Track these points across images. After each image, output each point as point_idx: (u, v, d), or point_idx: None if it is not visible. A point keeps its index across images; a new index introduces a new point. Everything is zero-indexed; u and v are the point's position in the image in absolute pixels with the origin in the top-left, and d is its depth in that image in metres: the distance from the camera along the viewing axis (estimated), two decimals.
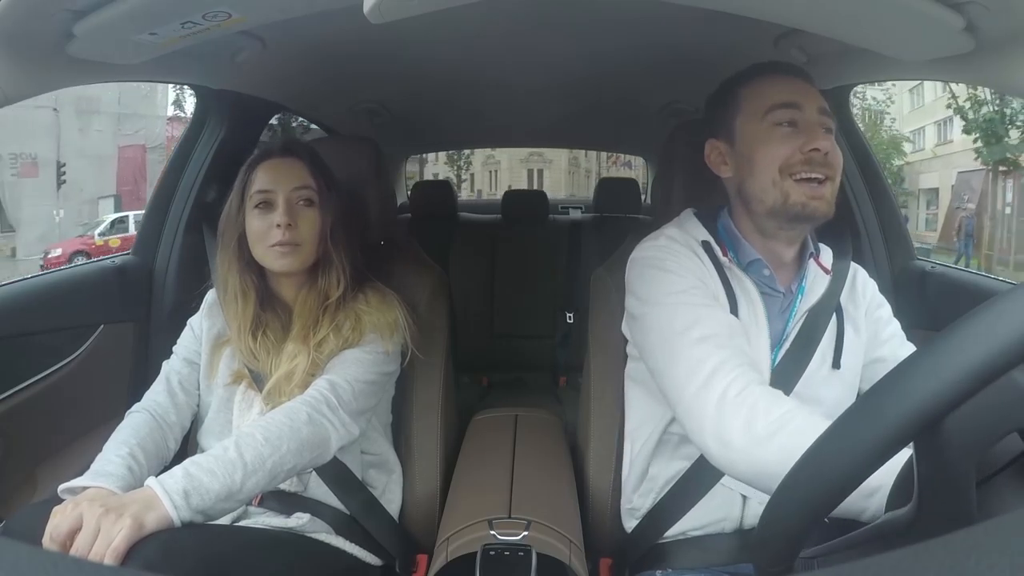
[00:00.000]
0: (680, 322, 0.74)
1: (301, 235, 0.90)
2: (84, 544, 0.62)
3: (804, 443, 0.42)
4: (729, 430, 0.65)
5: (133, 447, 0.84)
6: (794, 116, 0.78)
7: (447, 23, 1.05)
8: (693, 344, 0.71)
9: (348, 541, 0.92)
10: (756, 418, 0.63)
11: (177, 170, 1.36)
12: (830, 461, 0.39)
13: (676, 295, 0.77)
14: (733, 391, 0.66)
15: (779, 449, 0.60)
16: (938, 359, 0.35)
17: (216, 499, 0.69)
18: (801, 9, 0.76)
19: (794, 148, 0.76)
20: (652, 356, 0.78)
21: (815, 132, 0.76)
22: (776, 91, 0.79)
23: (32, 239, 9.71)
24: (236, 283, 0.93)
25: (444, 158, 19.67)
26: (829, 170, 0.77)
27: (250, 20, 0.83)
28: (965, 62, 0.78)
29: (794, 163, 0.76)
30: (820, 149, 0.75)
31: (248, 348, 0.91)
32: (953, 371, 0.34)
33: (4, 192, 10.14)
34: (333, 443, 0.82)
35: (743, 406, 0.65)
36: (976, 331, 0.34)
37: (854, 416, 0.39)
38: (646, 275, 0.81)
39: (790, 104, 0.78)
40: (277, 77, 1.31)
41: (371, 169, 1.08)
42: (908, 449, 0.38)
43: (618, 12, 1.04)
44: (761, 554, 0.45)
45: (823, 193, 0.77)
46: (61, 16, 0.74)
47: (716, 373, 0.68)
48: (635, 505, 0.90)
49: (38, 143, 9.85)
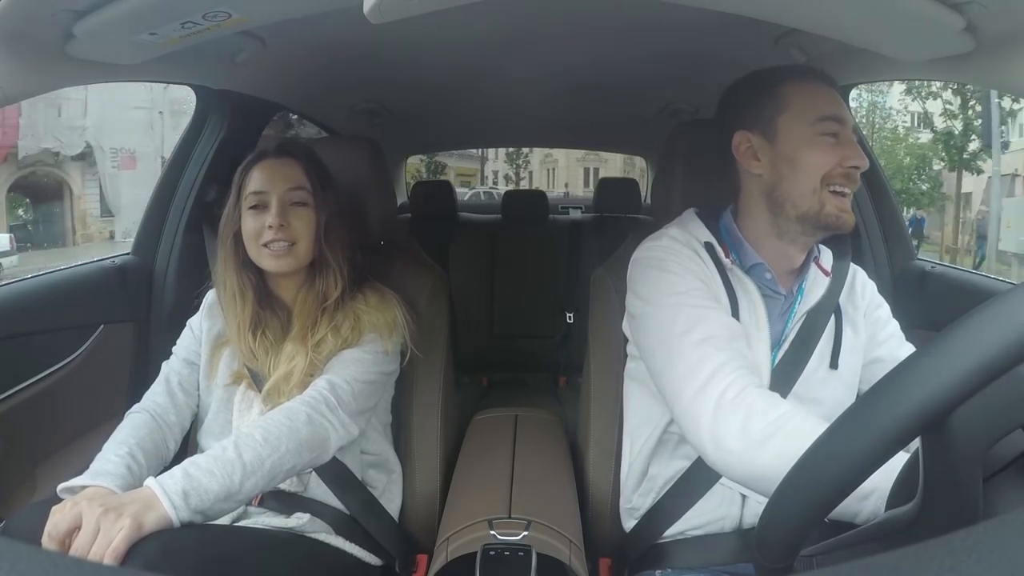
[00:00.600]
0: (681, 324, 0.74)
1: (294, 235, 0.90)
2: (83, 543, 0.62)
3: (800, 447, 0.42)
4: (725, 433, 0.65)
5: (132, 447, 0.84)
6: (839, 130, 0.79)
7: (447, 23, 1.05)
8: (693, 346, 0.72)
9: (348, 541, 0.91)
10: (752, 421, 0.64)
11: (177, 170, 1.36)
12: (828, 462, 0.39)
13: (677, 296, 0.77)
14: (731, 394, 0.67)
15: (775, 453, 0.61)
16: (935, 361, 0.35)
17: (215, 499, 0.69)
18: (801, 9, 0.76)
19: (837, 161, 0.77)
20: (652, 356, 0.78)
21: (855, 149, 0.78)
22: (826, 101, 0.80)
23: (128, 224, 11.13)
24: (234, 282, 0.93)
25: (503, 156, 20.04)
26: (856, 186, 0.79)
27: (250, 20, 0.83)
28: (965, 62, 0.78)
29: (835, 175, 0.77)
30: (859, 167, 0.77)
31: (247, 347, 0.91)
32: (950, 374, 0.34)
33: (106, 182, 11.70)
34: (332, 443, 0.82)
35: (740, 409, 0.65)
36: (972, 334, 0.34)
37: (851, 418, 0.39)
38: (648, 275, 0.81)
39: (838, 118, 0.79)
40: (277, 77, 1.31)
41: (371, 169, 1.08)
42: (904, 452, 0.38)
43: (618, 12, 1.04)
44: (761, 554, 0.45)
45: (848, 207, 0.79)
46: (61, 16, 0.74)
47: (714, 376, 0.68)
48: (634, 504, 0.90)
49: (135, 139, 11.41)
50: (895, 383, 0.36)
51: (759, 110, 0.81)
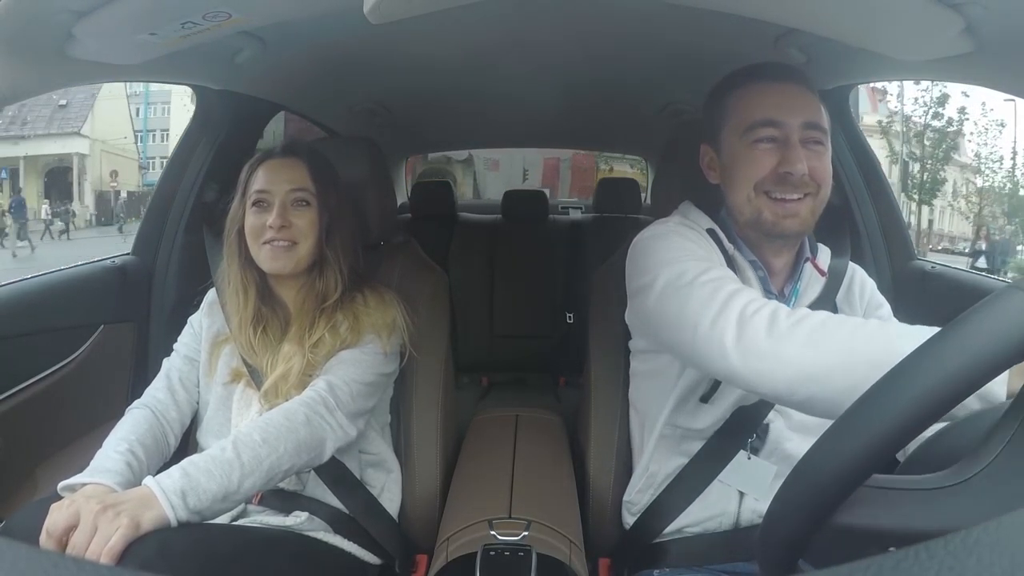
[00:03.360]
0: (690, 274, 0.71)
1: (295, 235, 0.91)
2: (81, 541, 0.62)
3: (828, 330, 0.41)
4: (752, 336, 0.62)
5: (132, 443, 0.84)
6: (774, 134, 0.76)
7: (447, 23, 1.05)
8: (704, 284, 0.69)
9: (347, 540, 0.91)
10: (779, 317, 0.61)
11: (177, 170, 1.36)
12: (829, 462, 0.39)
13: (683, 254, 0.75)
14: (752, 307, 0.64)
15: (805, 339, 0.58)
16: (930, 355, 0.35)
17: (213, 499, 0.70)
18: (801, 9, 0.76)
19: (770, 167, 0.76)
20: (661, 314, 0.73)
21: (794, 152, 0.75)
22: (760, 106, 0.78)
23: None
24: (238, 278, 0.93)
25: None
26: (808, 187, 0.76)
27: (250, 20, 0.83)
28: (965, 62, 0.78)
29: (767, 181, 0.76)
30: (793, 173, 0.74)
31: (248, 341, 0.91)
32: (948, 366, 0.34)
33: (479, 180, 12.53)
34: (329, 444, 0.82)
35: (764, 312, 0.63)
36: (973, 329, 0.34)
37: (850, 417, 0.39)
38: (649, 247, 0.80)
39: (771, 122, 0.76)
40: (277, 77, 1.31)
41: (371, 169, 1.08)
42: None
43: (618, 12, 1.04)
44: (763, 555, 0.45)
45: (798, 211, 0.76)
46: (61, 17, 0.74)
47: (732, 297, 0.66)
48: (634, 501, 0.91)
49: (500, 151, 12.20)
50: (894, 382, 0.36)
51: (711, 123, 0.84)
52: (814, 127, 0.77)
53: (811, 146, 0.77)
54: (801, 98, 0.78)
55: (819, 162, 0.77)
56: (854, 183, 1.30)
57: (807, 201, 0.77)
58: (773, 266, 0.84)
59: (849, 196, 1.29)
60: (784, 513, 0.42)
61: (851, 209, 1.29)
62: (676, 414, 0.85)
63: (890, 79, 1.11)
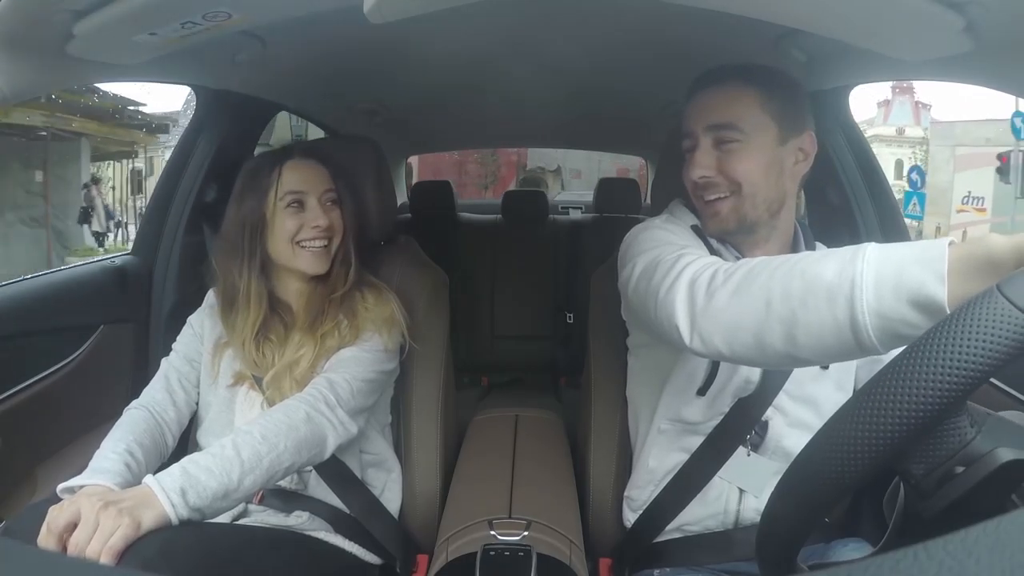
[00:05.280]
0: (661, 257, 0.71)
1: (332, 233, 0.94)
2: (82, 538, 0.62)
3: (752, 275, 0.46)
4: (695, 300, 0.61)
5: (130, 443, 0.83)
6: (689, 144, 0.81)
7: (447, 23, 1.05)
8: (668, 262, 0.69)
9: (347, 540, 0.92)
10: (716, 277, 0.61)
11: (177, 170, 1.36)
12: (825, 462, 0.39)
13: (660, 244, 0.76)
14: (700, 273, 0.63)
15: (733, 290, 0.57)
16: (942, 348, 0.35)
17: (214, 497, 0.69)
18: (801, 9, 0.76)
19: (689, 177, 0.81)
20: (637, 299, 0.74)
21: (693, 159, 0.80)
22: (685, 117, 0.82)
23: None
24: (250, 286, 0.92)
25: None
26: (721, 188, 0.78)
27: (250, 20, 0.83)
28: (965, 62, 0.78)
29: (693, 188, 0.82)
30: (692, 179, 0.80)
31: (251, 359, 0.92)
32: (952, 361, 0.34)
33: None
34: (330, 442, 0.82)
35: (705, 275, 0.62)
36: (960, 329, 0.34)
37: (846, 416, 0.39)
38: (632, 243, 0.82)
39: (687, 132, 0.81)
40: (277, 77, 1.31)
41: (371, 169, 1.08)
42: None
43: (619, 12, 1.04)
44: (761, 557, 0.45)
45: (718, 210, 0.79)
46: (61, 16, 0.73)
47: (688, 266, 0.66)
48: (635, 497, 0.91)
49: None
50: (884, 382, 0.37)
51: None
52: (721, 127, 0.78)
53: (722, 146, 0.78)
54: (716, 98, 0.79)
55: (733, 160, 0.77)
56: (854, 183, 1.30)
57: (729, 200, 0.78)
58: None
59: (849, 196, 1.29)
60: (783, 512, 0.42)
61: (851, 209, 1.29)
62: (674, 408, 0.86)
63: (890, 79, 1.11)
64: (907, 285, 0.44)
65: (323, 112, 1.79)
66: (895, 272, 0.45)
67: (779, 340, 0.53)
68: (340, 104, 1.68)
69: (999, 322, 0.34)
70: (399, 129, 2.00)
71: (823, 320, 0.49)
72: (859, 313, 0.47)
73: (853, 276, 0.47)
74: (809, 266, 0.51)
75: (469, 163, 9.26)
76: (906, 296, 0.44)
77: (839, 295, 0.48)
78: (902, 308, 0.45)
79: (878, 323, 0.46)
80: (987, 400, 0.92)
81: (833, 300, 0.48)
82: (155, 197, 1.37)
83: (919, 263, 0.44)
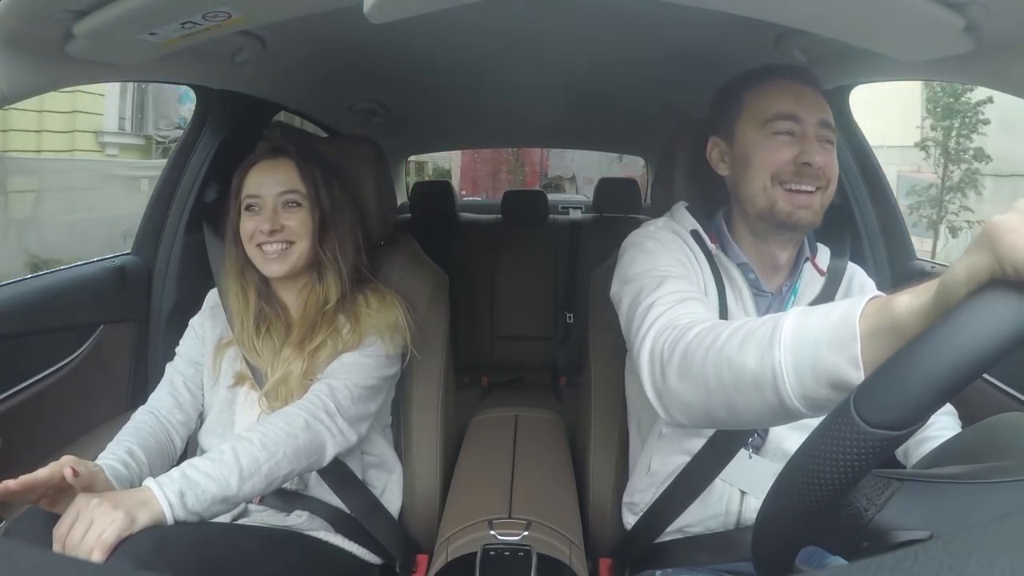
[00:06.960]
0: (644, 302, 0.72)
1: (289, 236, 0.90)
2: (77, 533, 0.63)
3: (689, 356, 0.51)
4: (653, 374, 0.64)
5: (131, 446, 0.85)
6: (792, 127, 0.79)
7: (447, 23, 1.05)
8: (642, 310, 0.70)
9: (347, 540, 0.92)
10: (664, 348, 0.62)
11: (177, 170, 1.36)
12: (821, 463, 0.39)
13: (647, 269, 0.77)
14: (660, 342, 0.64)
15: (677, 371, 0.59)
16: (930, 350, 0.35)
17: (212, 501, 0.71)
18: (801, 9, 0.76)
19: (788, 158, 0.78)
20: (623, 330, 0.76)
21: (811, 145, 0.78)
22: (779, 100, 0.80)
23: None
24: (238, 281, 0.94)
25: None
26: (821, 181, 0.78)
27: (250, 20, 0.83)
28: (965, 62, 0.78)
29: (786, 173, 0.78)
30: (812, 164, 0.77)
31: (250, 342, 0.91)
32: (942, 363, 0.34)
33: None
34: (329, 449, 0.83)
35: (660, 342, 0.64)
36: (955, 329, 0.35)
37: (840, 418, 0.39)
38: (626, 258, 0.82)
39: (791, 116, 0.79)
40: (277, 77, 1.31)
41: (371, 169, 1.08)
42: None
43: (618, 12, 1.04)
44: (757, 558, 0.45)
45: (811, 203, 0.78)
46: (61, 16, 0.73)
47: (653, 325, 0.67)
48: (635, 501, 0.91)
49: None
50: (901, 362, 0.37)
51: (725, 116, 0.85)
52: (827, 126, 0.80)
53: (823, 144, 0.79)
54: (816, 98, 0.81)
55: (830, 159, 0.80)
56: (854, 184, 1.30)
57: (818, 195, 0.79)
58: (776, 261, 0.84)
59: (849, 196, 1.29)
60: (777, 513, 0.42)
61: (851, 209, 1.29)
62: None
63: (890, 79, 1.11)
64: (824, 370, 0.46)
65: (323, 112, 1.79)
66: (811, 357, 0.47)
67: (727, 417, 0.56)
68: (340, 104, 1.68)
69: (850, 439, 0.36)
70: (399, 129, 2.00)
71: (757, 404, 0.52)
72: (786, 398, 0.49)
73: (773, 365, 0.49)
74: (733, 354, 0.53)
75: (501, 172, 9.99)
76: (825, 380, 0.46)
77: (765, 384, 0.50)
78: (823, 390, 0.47)
79: (806, 403, 0.48)
80: (987, 400, 0.92)
81: (761, 388, 0.51)
82: (155, 196, 1.37)
83: (832, 347, 0.46)
